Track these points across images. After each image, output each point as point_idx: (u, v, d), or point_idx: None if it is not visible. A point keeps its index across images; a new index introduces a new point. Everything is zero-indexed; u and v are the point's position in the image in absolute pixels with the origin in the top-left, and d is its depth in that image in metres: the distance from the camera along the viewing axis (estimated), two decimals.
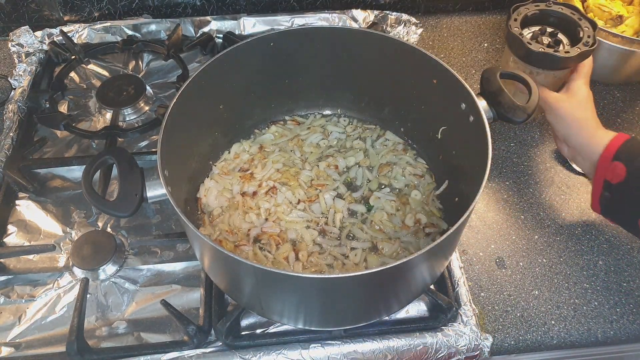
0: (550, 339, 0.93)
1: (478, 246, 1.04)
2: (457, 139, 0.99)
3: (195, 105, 0.93)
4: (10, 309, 0.93)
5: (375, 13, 1.39)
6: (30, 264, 0.99)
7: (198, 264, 0.98)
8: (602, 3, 1.28)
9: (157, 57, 1.36)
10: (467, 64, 1.38)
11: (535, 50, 1.06)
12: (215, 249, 0.71)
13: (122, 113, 1.22)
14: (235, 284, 0.86)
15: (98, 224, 1.05)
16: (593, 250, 1.04)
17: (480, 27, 1.48)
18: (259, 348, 0.86)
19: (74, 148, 1.17)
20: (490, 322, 0.94)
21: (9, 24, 1.38)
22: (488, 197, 1.12)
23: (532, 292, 0.98)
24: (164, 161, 0.79)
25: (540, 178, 1.15)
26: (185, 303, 0.94)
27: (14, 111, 1.19)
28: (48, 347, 0.89)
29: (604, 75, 1.30)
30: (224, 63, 0.96)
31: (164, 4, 1.41)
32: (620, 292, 0.98)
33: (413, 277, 0.80)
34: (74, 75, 1.33)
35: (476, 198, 0.74)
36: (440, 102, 0.97)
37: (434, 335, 0.87)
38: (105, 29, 1.37)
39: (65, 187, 1.11)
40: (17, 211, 1.06)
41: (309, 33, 1.04)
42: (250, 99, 1.10)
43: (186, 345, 0.87)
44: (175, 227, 1.04)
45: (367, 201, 1.04)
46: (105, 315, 0.93)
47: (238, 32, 1.39)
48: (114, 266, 0.98)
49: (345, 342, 0.87)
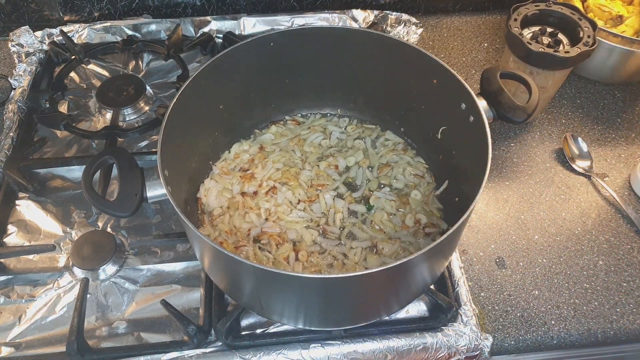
0: (550, 339, 0.93)
1: (478, 246, 1.04)
2: (457, 139, 0.99)
3: (195, 105, 0.93)
4: (10, 309, 0.93)
5: (375, 13, 1.39)
6: (30, 264, 0.99)
7: (198, 264, 0.98)
8: (602, 3, 1.28)
9: (157, 57, 1.36)
10: (467, 64, 1.38)
11: (535, 50, 1.06)
12: (215, 249, 0.71)
13: (122, 113, 1.22)
14: (235, 284, 0.86)
15: (98, 224, 1.05)
16: (593, 250, 1.04)
17: (480, 27, 1.48)
18: (259, 348, 0.86)
19: (74, 148, 1.17)
20: (490, 322, 0.94)
21: (9, 24, 1.38)
22: (488, 197, 1.12)
23: (532, 292, 0.98)
24: (164, 161, 0.79)
25: (540, 178, 1.15)
26: (185, 303, 0.94)
27: (14, 111, 1.19)
28: (48, 347, 0.89)
29: (604, 75, 1.30)
30: (224, 63, 0.96)
31: (164, 4, 1.41)
32: (620, 292, 0.98)
33: (413, 277, 0.80)
34: (74, 75, 1.33)
35: (476, 198, 0.74)
36: (440, 102, 0.97)
37: (434, 335, 0.87)
38: (105, 29, 1.38)
39: (65, 187, 1.11)
40: (17, 211, 1.06)
41: (309, 33, 1.04)
42: (250, 99, 1.10)
43: (186, 345, 0.87)
44: (175, 227, 1.04)
45: (367, 201, 1.04)
46: (105, 315, 0.93)
47: (238, 32, 1.39)
48: (114, 266, 0.98)
49: (345, 342, 0.87)
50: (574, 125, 1.24)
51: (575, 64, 1.09)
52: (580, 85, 1.32)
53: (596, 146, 1.20)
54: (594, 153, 1.18)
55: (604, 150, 1.19)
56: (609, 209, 1.09)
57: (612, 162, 1.17)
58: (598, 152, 1.19)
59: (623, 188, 1.13)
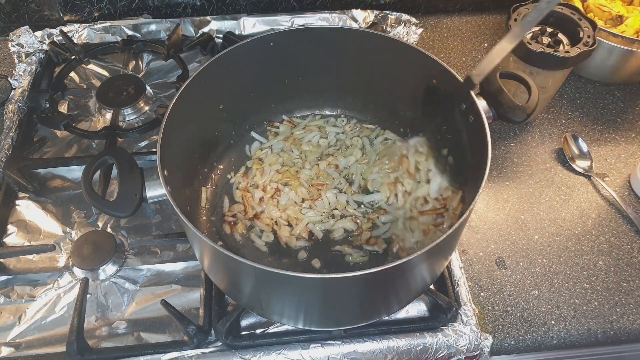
0: (550, 339, 0.93)
1: (478, 246, 1.04)
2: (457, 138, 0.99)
3: (195, 105, 0.93)
4: (10, 309, 0.93)
5: (375, 13, 1.39)
6: (30, 264, 0.99)
7: (198, 264, 0.98)
8: (602, 3, 1.28)
9: (157, 57, 1.36)
10: (467, 64, 1.37)
11: (535, 50, 1.06)
12: (215, 249, 0.71)
13: (122, 113, 1.22)
14: (235, 284, 0.86)
15: (98, 224, 1.05)
16: (593, 250, 1.04)
17: (480, 27, 1.48)
18: (259, 348, 0.86)
19: (74, 148, 1.17)
20: (490, 322, 0.94)
21: (9, 24, 1.38)
22: (488, 197, 1.12)
23: (532, 292, 0.98)
24: (164, 161, 0.79)
25: (540, 178, 1.15)
26: (185, 303, 0.94)
27: (14, 111, 1.19)
28: (48, 347, 0.89)
29: (604, 75, 1.30)
30: (224, 63, 0.96)
31: (164, 4, 1.41)
32: (620, 292, 0.98)
33: (413, 276, 0.80)
34: (74, 75, 1.33)
35: (475, 198, 0.74)
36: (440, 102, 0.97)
37: (434, 335, 0.87)
38: (105, 29, 1.38)
39: (65, 187, 1.11)
40: (17, 211, 1.06)
41: (309, 33, 1.04)
42: (250, 99, 1.10)
43: (186, 345, 0.87)
44: (175, 227, 1.04)
45: (365, 189, 1.06)
46: (105, 315, 0.93)
47: (238, 32, 1.39)
48: (114, 266, 0.98)
49: (345, 342, 0.87)
50: (574, 125, 1.24)
51: (575, 64, 1.09)
52: (580, 85, 1.32)
53: (596, 146, 1.20)
54: (594, 153, 1.18)
55: (604, 150, 1.19)
56: (609, 209, 1.09)
57: (612, 162, 1.17)
58: (598, 152, 1.19)
59: (623, 188, 1.13)
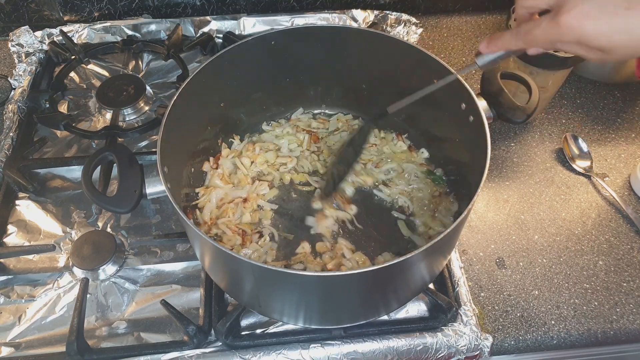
0: (550, 339, 0.93)
1: (478, 246, 1.04)
2: (457, 138, 0.99)
3: (196, 103, 0.93)
4: (10, 309, 0.93)
5: (375, 13, 1.39)
6: (30, 264, 0.99)
7: (198, 264, 0.98)
8: None
9: (157, 57, 1.36)
10: (467, 64, 1.37)
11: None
12: (216, 247, 0.71)
13: (122, 113, 1.22)
14: (235, 283, 0.86)
15: (98, 224, 1.05)
16: (593, 250, 1.03)
17: (480, 27, 1.48)
18: (259, 348, 0.86)
19: (74, 148, 1.17)
20: (490, 322, 0.94)
21: (9, 24, 1.38)
22: (488, 197, 1.12)
23: (532, 292, 0.98)
24: (164, 158, 0.79)
25: (540, 178, 1.15)
26: (185, 303, 0.94)
27: (14, 111, 1.19)
28: (48, 347, 0.89)
29: (604, 75, 1.30)
30: (224, 62, 0.96)
31: (164, 4, 1.41)
32: (620, 292, 0.98)
33: (412, 275, 0.80)
34: (74, 75, 1.33)
35: (474, 198, 0.74)
36: (440, 102, 0.97)
37: (434, 335, 0.87)
38: (105, 29, 1.38)
39: (65, 187, 1.11)
40: (17, 211, 1.06)
41: (310, 32, 1.03)
42: (249, 98, 1.10)
43: (186, 345, 0.87)
44: (175, 227, 1.04)
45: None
46: (105, 315, 0.93)
47: (238, 32, 1.39)
48: (114, 266, 0.98)
49: (345, 342, 0.87)
50: (574, 125, 1.24)
51: (575, 63, 1.09)
52: (580, 85, 1.32)
53: (596, 146, 1.20)
54: (594, 153, 1.18)
55: (604, 150, 1.19)
56: (609, 209, 1.09)
57: (612, 162, 1.17)
58: (598, 152, 1.19)
59: (623, 188, 1.13)
